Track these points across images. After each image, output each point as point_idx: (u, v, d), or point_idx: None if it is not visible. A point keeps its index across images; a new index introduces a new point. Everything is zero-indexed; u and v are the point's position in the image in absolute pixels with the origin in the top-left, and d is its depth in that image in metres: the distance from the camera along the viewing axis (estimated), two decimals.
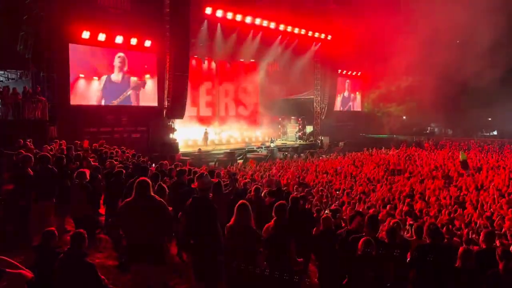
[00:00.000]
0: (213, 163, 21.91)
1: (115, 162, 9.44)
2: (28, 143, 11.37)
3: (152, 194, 4.74)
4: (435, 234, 4.86)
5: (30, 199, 6.97)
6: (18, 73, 19.60)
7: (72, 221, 7.45)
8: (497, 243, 7.02)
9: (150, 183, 4.78)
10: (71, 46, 18.51)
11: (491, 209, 10.39)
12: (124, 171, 8.16)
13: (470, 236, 7.97)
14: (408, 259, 5.16)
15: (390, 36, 29.67)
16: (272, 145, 27.92)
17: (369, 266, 4.42)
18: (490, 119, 41.65)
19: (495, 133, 40.69)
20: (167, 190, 6.03)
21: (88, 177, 7.40)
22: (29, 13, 18.61)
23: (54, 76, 18.09)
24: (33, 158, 7.40)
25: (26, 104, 15.40)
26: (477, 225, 8.89)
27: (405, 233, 6.89)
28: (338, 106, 34.15)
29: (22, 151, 8.69)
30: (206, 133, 27.71)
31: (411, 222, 8.03)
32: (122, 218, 4.80)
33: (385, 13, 28.16)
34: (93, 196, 7.34)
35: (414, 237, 5.84)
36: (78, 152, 10.96)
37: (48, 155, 7.93)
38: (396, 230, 5.49)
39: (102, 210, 8.76)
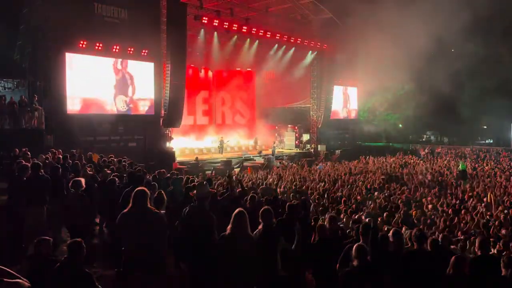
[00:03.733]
0: (210, 172, 21.89)
1: (108, 171, 9.44)
2: (25, 152, 11.34)
3: (149, 205, 4.74)
4: (420, 239, 4.88)
5: (24, 205, 6.95)
6: (15, 83, 19.59)
7: (68, 230, 7.41)
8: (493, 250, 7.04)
9: (148, 193, 4.78)
10: (68, 55, 18.52)
11: (487, 217, 10.41)
12: (117, 180, 8.16)
13: (466, 244, 7.97)
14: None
15: (386, 45, 29.85)
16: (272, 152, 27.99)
17: (365, 274, 4.41)
18: (485, 127, 41.87)
19: (490, 141, 40.85)
20: (165, 198, 6.05)
21: (84, 185, 7.38)
22: (26, 23, 18.71)
23: (50, 85, 18.13)
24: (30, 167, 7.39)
25: (22, 113, 15.41)
26: (474, 233, 8.90)
27: None
28: (334, 114, 34.25)
29: (22, 160, 8.69)
30: (221, 141, 27.61)
31: (407, 230, 8.02)
32: (119, 229, 4.79)
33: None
34: (88, 205, 7.31)
35: (409, 245, 5.86)
36: (76, 161, 10.94)
37: (39, 162, 7.92)
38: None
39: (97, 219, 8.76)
